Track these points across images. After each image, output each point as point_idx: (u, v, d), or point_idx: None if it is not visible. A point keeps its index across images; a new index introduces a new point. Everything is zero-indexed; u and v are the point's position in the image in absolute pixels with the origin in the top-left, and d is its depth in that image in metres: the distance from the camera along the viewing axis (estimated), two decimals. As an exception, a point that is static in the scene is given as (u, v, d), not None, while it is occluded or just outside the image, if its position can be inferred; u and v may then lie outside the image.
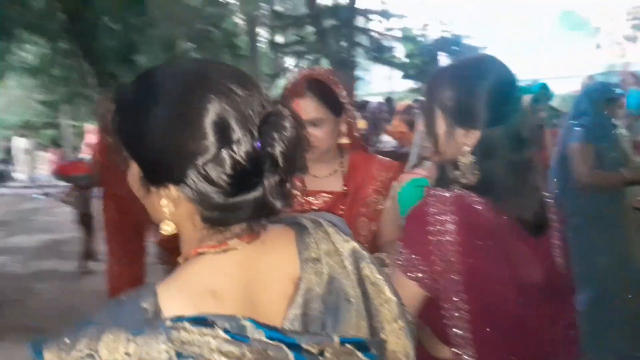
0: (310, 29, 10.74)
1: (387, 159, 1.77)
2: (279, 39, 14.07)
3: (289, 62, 11.49)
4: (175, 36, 10.30)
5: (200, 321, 0.61)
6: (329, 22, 9.78)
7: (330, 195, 1.64)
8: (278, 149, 0.63)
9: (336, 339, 0.66)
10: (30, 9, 8.88)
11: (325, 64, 10.66)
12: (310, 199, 1.61)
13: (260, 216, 0.69)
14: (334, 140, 1.62)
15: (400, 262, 1.11)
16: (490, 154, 1.13)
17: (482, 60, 1.23)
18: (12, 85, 15.78)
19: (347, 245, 0.77)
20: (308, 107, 1.52)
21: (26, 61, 12.73)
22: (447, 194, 1.11)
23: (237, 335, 0.61)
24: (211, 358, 0.59)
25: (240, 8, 14.50)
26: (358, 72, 13.17)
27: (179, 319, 0.61)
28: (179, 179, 0.64)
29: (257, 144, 0.63)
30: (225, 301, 0.66)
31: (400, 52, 12.13)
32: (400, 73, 10.93)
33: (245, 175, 0.63)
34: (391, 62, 9.86)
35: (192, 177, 0.63)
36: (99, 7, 9.07)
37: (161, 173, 0.66)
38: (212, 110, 0.62)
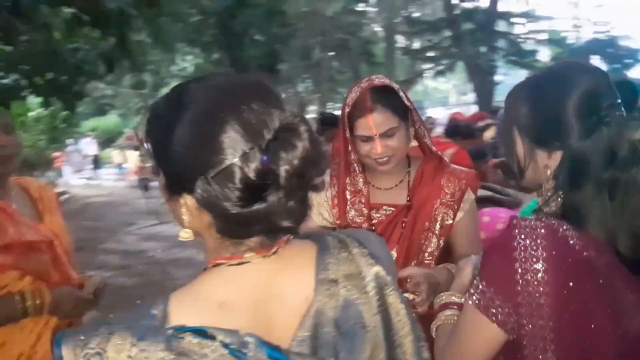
0: (447, 33, 10.48)
1: (462, 168, 1.64)
2: (415, 45, 13.96)
3: (424, 67, 11.30)
4: (313, 45, 10.75)
5: (201, 333, 0.62)
6: (466, 26, 9.45)
7: (392, 209, 1.56)
8: (283, 167, 0.63)
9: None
10: (188, 24, 9.91)
11: (461, 68, 10.34)
12: (372, 212, 1.55)
13: (276, 231, 0.68)
14: (407, 147, 1.54)
15: (477, 299, 0.97)
16: (576, 177, 0.98)
17: (565, 68, 1.08)
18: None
19: (372, 270, 0.74)
20: (380, 119, 1.45)
21: (184, 70, 14.28)
22: (537, 225, 0.95)
23: (236, 351, 0.62)
24: None
25: (378, 15, 14.68)
26: (498, 77, 12.59)
27: (180, 328, 0.63)
28: (190, 189, 0.66)
29: (265, 160, 0.63)
30: (234, 314, 0.67)
31: (545, 55, 11.33)
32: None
33: (254, 190, 0.63)
34: (532, 67, 9.22)
35: (201, 188, 0.64)
36: (246, 20, 9.81)
37: (177, 182, 0.68)
38: (225, 126, 0.64)
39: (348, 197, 1.57)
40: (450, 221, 1.54)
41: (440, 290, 1.33)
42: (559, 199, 0.99)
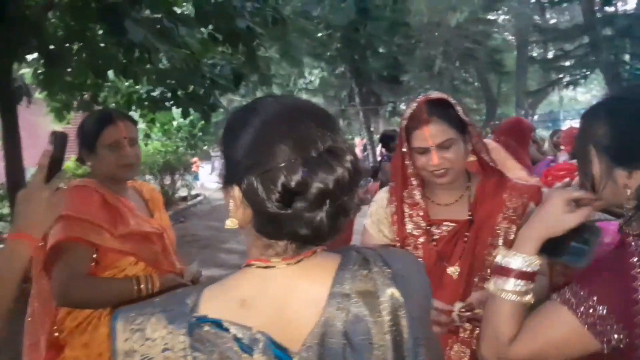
0: (584, 41, 9.74)
1: (523, 182, 1.62)
2: (550, 53, 13.15)
3: (558, 76, 10.60)
4: (435, 56, 10.64)
5: (219, 324, 0.70)
6: (605, 33, 8.71)
7: (453, 224, 1.56)
8: (316, 184, 0.69)
9: None
10: (314, 39, 10.38)
11: (597, 79, 9.55)
12: (433, 228, 1.56)
13: (299, 239, 0.73)
14: (464, 161, 1.54)
15: (584, 313, 0.96)
16: None
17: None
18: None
19: (387, 290, 0.76)
20: (436, 131, 1.47)
21: (311, 83, 14.93)
22: None
23: (246, 346, 0.69)
24: (209, 353, 0.69)
25: (509, 24, 14.07)
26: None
27: (202, 318, 0.71)
28: (239, 181, 0.73)
29: (304, 172, 0.69)
30: (252, 312, 0.73)
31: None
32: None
33: (289, 196, 0.69)
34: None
35: (247, 182, 0.72)
36: (370, 33, 10.03)
37: (231, 173, 0.76)
38: (281, 136, 0.72)
39: (406, 210, 1.59)
40: (513, 236, 1.51)
41: None
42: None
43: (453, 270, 1.55)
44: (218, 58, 6.44)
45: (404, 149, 1.54)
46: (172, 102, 6.53)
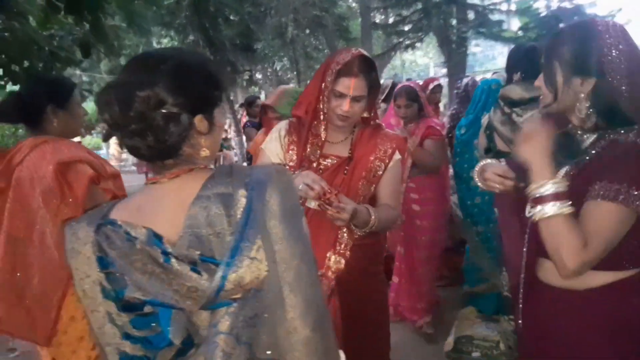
0: (418, 6, 10.62)
1: (393, 132, 1.99)
2: (391, 20, 14.08)
3: (397, 41, 11.46)
4: (287, 24, 10.84)
5: (114, 223, 0.99)
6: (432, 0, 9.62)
7: (337, 159, 1.88)
8: (104, 118, 0.98)
9: (196, 256, 0.95)
10: (162, 7, 9.92)
11: (432, 42, 10.52)
12: (322, 159, 1.87)
13: (169, 163, 1.02)
14: (362, 114, 1.88)
15: (618, 197, 1.19)
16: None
17: (596, 21, 1.36)
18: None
19: (240, 192, 0.98)
20: (358, 85, 1.76)
21: (161, 54, 14.25)
22: None
23: (132, 237, 0.96)
24: (112, 246, 0.97)
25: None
26: (472, 49, 12.81)
27: (108, 220, 1.01)
28: None
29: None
30: (144, 215, 1.00)
31: (514, 26, 11.56)
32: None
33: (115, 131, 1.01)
34: (498, 37, 9.45)
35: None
36: (219, 1, 9.86)
37: None
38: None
39: (309, 138, 1.88)
40: (381, 172, 1.88)
41: (359, 217, 1.68)
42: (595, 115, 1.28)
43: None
44: (56, 28, 5.94)
45: (324, 86, 1.78)
46: (5, 80, 5.93)
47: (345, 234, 1.86)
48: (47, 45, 5.78)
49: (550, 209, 1.21)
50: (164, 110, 0.96)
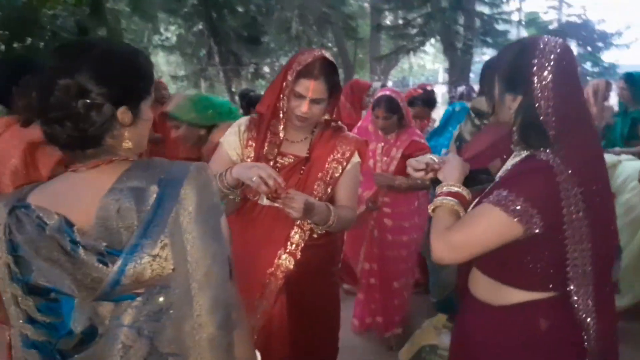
0: (425, 11, 10.60)
1: (353, 135, 1.98)
2: (399, 21, 14.05)
3: (401, 44, 11.46)
4: (292, 19, 10.84)
5: (28, 207, 0.99)
6: (440, 4, 9.60)
7: (294, 158, 1.88)
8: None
9: (103, 247, 0.95)
10: (168, -7, 9.95)
11: (436, 46, 10.52)
12: (279, 158, 1.86)
13: (89, 153, 1.01)
14: (321, 116, 1.87)
15: (509, 207, 1.21)
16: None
17: (538, 39, 1.33)
18: (156, 62, 17.74)
19: (152, 187, 0.98)
20: (318, 87, 1.76)
21: (168, 40, 14.29)
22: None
23: (42, 222, 0.96)
24: (21, 230, 0.97)
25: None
26: (478, 57, 12.78)
27: (23, 204, 1.00)
28: None
29: None
30: (60, 201, 0.99)
31: (521, 36, 11.54)
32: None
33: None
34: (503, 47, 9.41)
35: None
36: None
37: None
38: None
39: (268, 135, 1.87)
40: (338, 175, 1.87)
41: (315, 212, 1.69)
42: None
43: None
44: (60, 9, 5.98)
45: (285, 86, 1.78)
46: (7, 56, 5.96)
47: (297, 234, 1.85)
48: (49, 24, 5.83)
49: (438, 200, 1.38)
50: (85, 100, 0.96)
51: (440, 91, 9.58)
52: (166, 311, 0.97)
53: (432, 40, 12.10)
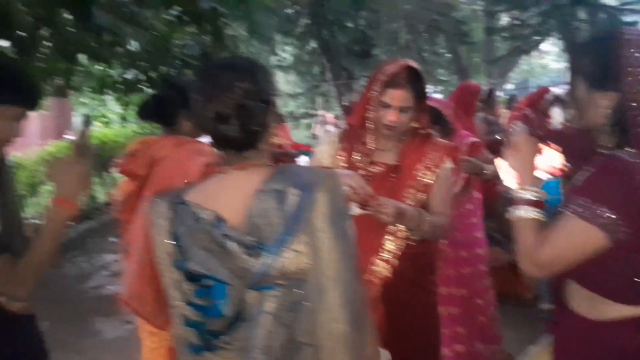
0: (540, 8, 10.01)
1: (443, 140, 1.97)
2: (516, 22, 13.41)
3: (515, 45, 10.89)
4: (400, 29, 10.87)
5: (186, 203, 1.16)
6: (558, 1, 9.01)
7: (384, 167, 1.91)
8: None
9: (251, 242, 1.07)
10: (282, 16, 10.52)
11: (559, 45, 9.82)
12: (369, 166, 1.91)
13: (242, 155, 1.16)
14: (409, 125, 1.90)
15: (581, 212, 1.17)
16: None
17: (623, 30, 1.26)
18: (281, 82, 18.71)
19: (292, 190, 1.09)
20: (404, 96, 1.80)
21: (284, 61, 15.06)
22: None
23: (198, 217, 1.12)
24: (182, 223, 1.13)
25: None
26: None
27: (182, 201, 1.17)
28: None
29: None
30: (212, 199, 1.14)
31: (656, 26, 10.41)
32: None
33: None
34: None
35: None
36: (335, 9, 10.18)
37: None
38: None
39: (358, 145, 1.94)
40: (429, 181, 1.88)
41: (408, 217, 1.70)
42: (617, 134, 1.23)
43: None
44: (188, 38, 6.62)
45: (370, 95, 1.85)
46: (146, 84, 6.71)
47: (391, 241, 1.86)
48: (178, 54, 6.49)
49: (520, 212, 1.29)
50: (257, 101, 1.11)
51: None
52: (302, 303, 1.09)
53: (553, 39, 11.38)
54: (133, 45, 5.72)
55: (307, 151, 7.64)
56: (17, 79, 1.47)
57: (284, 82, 18.74)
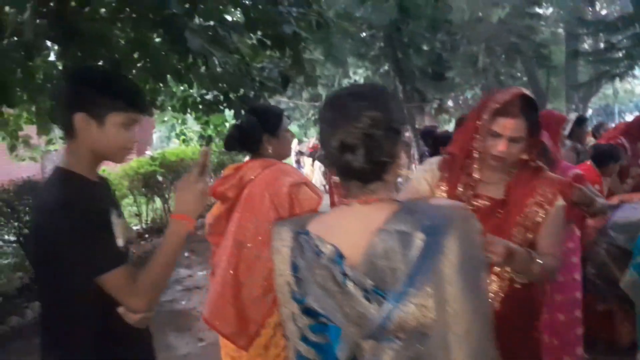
0: (635, 31, 9.48)
1: (556, 175, 1.80)
2: (600, 46, 12.81)
3: (604, 69, 10.34)
4: (479, 51, 10.65)
5: (308, 234, 1.10)
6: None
7: (490, 201, 1.77)
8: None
9: (370, 285, 0.99)
10: (358, 40, 10.61)
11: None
12: (473, 200, 1.77)
13: (367, 188, 1.07)
14: (519, 156, 1.74)
15: None
16: None
17: None
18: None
19: (418, 234, 0.98)
20: (516, 126, 1.66)
21: (355, 83, 15.16)
22: None
23: (318, 250, 1.06)
24: (303, 256, 1.07)
25: (558, 17, 13.80)
26: None
27: (305, 231, 1.12)
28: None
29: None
30: (334, 232, 1.08)
31: None
32: None
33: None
34: None
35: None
36: (411, 32, 10.16)
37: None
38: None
39: (461, 177, 1.80)
40: (540, 219, 1.72)
41: (517, 259, 1.57)
42: None
43: None
44: (266, 62, 6.79)
45: (479, 124, 1.74)
46: (224, 105, 6.93)
47: (495, 282, 1.73)
48: (257, 76, 6.67)
49: None
50: (385, 130, 1.03)
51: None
52: (422, 359, 0.98)
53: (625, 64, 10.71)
54: (215, 67, 5.93)
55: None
56: (128, 87, 1.52)
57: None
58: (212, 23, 4.78)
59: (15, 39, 3.77)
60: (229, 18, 5.64)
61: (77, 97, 1.45)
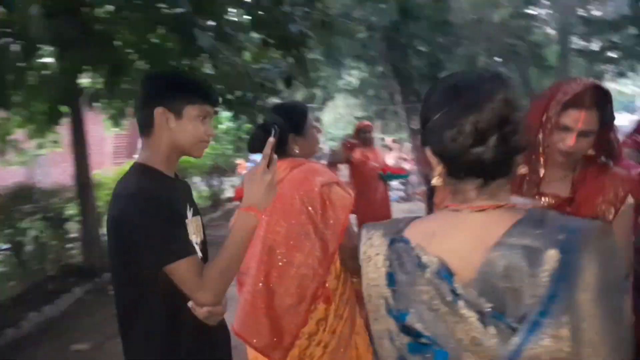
0: (630, 32, 9.51)
1: (625, 171, 1.68)
2: (594, 46, 12.86)
3: (604, 68, 10.36)
4: (478, 52, 10.60)
5: (407, 242, 0.95)
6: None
7: (556, 198, 1.67)
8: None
9: (487, 308, 0.83)
10: (356, 40, 10.51)
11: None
12: (537, 198, 1.67)
13: (488, 188, 0.90)
14: (587, 150, 1.65)
15: None
16: None
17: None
18: (340, 105, 18.78)
19: (551, 251, 0.82)
20: (589, 119, 1.55)
21: (350, 84, 15.06)
22: None
23: (421, 262, 0.91)
24: (403, 269, 0.93)
25: (551, 18, 13.81)
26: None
27: (402, 238, 0.97)
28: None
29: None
30: (438, 242, 0.92)
31: None
32: None
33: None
34: None
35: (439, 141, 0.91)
36: (411, 33, 10.09)
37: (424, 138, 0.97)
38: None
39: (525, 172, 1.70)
40: (611, 217, 1.62)
41: None
42: None
43: None
44: (265, 62, 6.66)
45: (546, 118, 1.61)
46: (223, 107, 6.77)
47: None
48: (257, 77, 6.52)
49: None
50: (518, 113, 0.88)
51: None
52: None
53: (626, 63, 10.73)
54: (209, 68, 5.78)
55: (400, 174, 7.40)
56: (198, 82, 1.59)
57: (344, 105, 18.77)
58: (217, 22, 4.66)
59: (15, 39, 3.60)
60: (234, 18, 5.50)
61: (156, 92, 1.54)
